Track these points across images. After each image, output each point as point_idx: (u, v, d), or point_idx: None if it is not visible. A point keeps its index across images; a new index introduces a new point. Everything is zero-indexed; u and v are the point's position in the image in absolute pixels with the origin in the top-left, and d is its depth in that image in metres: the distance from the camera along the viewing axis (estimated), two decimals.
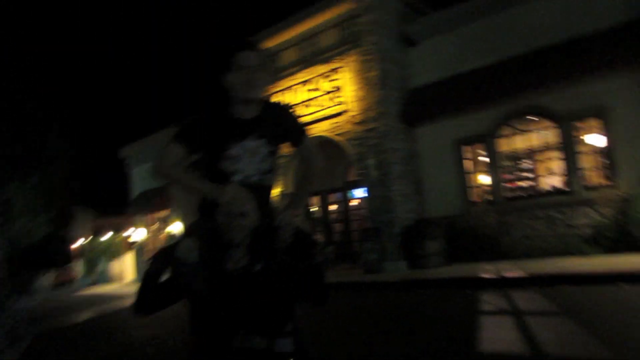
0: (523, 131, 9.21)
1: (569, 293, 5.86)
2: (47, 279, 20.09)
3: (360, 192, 11.79)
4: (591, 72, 7.95)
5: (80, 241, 23.15)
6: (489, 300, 6.06)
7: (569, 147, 8.52)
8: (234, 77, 2.06)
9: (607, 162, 8.22)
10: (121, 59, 51.29)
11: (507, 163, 9.53)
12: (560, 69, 8.16)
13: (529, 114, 9.02)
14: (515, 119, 9.21)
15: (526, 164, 9.45)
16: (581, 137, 8.61)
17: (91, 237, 22.70)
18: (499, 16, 9.45)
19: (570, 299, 5.55)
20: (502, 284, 6.89)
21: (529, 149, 9.23)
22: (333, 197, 13.00)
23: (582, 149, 8.59)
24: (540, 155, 9.26)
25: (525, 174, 9.46)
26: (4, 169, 23.98)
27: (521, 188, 9.46)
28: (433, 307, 6.33)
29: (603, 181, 8.23)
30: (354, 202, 12.53)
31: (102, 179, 27.28)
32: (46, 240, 26.34)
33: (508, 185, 9.54)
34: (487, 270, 7.75)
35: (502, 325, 4.83)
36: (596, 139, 8.44)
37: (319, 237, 12.75)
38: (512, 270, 7.46)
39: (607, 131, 8.17)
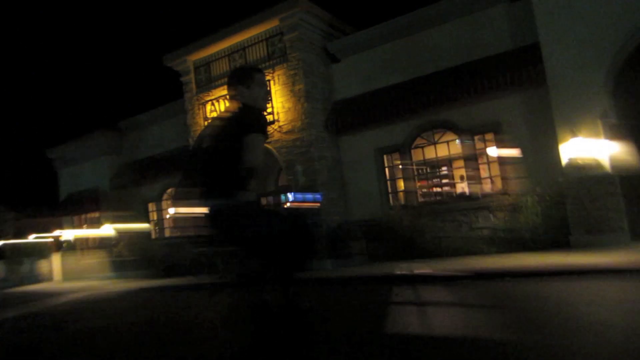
0: (433, 142, 10.31)
1: (466, 286, 6.83)
2: None
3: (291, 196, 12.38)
4: (487, 91, 9.13)
5: (2, 242, 21.95)
6: (400, 294, 6.90)
7: (471, 158, 9.70)
8: (258, 90, 2.87)
9: (502, 171, 9.48)
10: (53, 60, 48.35)
11: (421, 171, 10.63)
12: (461, 87, 9.30)
13: (437, 127, 10.13)
14: (426, 131, 10.30)
15: (437, 172, 10.60)
16: (481, 149, 9.85)
17: (15, 237, 21.62)
18: (411, 38, 10.50)
19: (467, 291, 6.50)
20: (413, 280, 7.81)
21: (439, 159, 10.34)
22: (265, 200, 13.49)
23: (482, 159, 9.83)
24: (448, 164, 10.43)
25: (436, 181, 10.62)
26: None
27: (433, 194, 10.62)
28: (351, 300, 7.06)
29: (499, 188, 9.46)
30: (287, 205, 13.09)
31: (27, 179, 25.84)
32: None
33: (422, 191, 10.67)
34: (401, 268, 8.65)
35: (408, 313, 5.63)
36: (493, 151, 9.69)
37: None
38: (422, 268, 8.41)
39: (501, 144, 9.43)
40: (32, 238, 20.91)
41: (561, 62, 8.23)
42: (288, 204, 9.91)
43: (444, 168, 10.67)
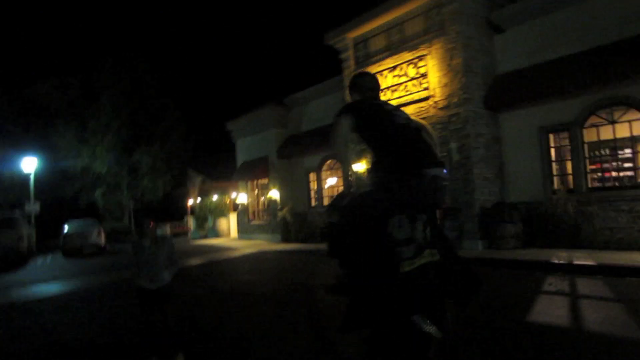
0: (610, 121, 9.11)
1: (635, 285, 6.11)
2: (164, 230, 23.24)
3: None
4: None
5: (192, 200, 26.20)
6: (553, 283, 6.50)
7: None
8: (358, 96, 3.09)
9: None
10: (227, 42, 54.53)
11: (592, 153, 9.52)
12: None
13: (617, 104, 8.89)
14: (603, 108, 9.12)
15: (612, 155, 9.36)
16: None
17: (201, 197, 25.58)
18: (587, 4, 9.26)
19: (634, 290, 5.83)
20: (571, 270, 7.22)
21: (615, 140, 9.12)
22: None
23: None
24: (626, 147, 9.13)
25: (610, 165, 9.39)
26: (132, 137, 27.63)
27: (606, 179, 9.43)
28: (501, 284, 6.87)
29: None
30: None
31: (212, 148, 30.17)
32: (165, 197, 30.09)
33: (594, 175, 9.56)
34: (559, 257, 8.03)
35: (557, 304, 5.33)
36: None
37: None
38: (584, 258, 7.69)
39: None
40: (215, 198, 24.35)
41: None
42: None
43: (624, 151, 9.36)
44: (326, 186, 16.01)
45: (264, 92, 44.87)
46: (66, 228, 18.92)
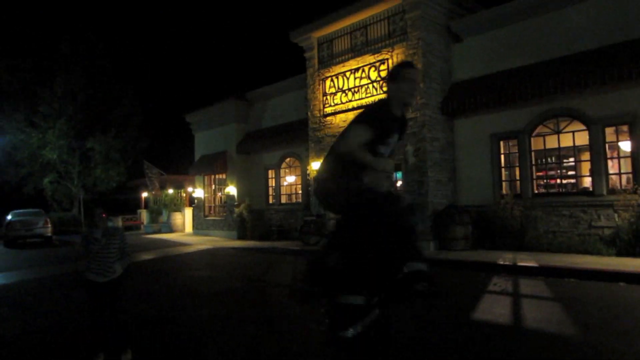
0: (556, 131, 9.64)
1: (572, 285, 6.53)
2: (116, 222, 22.51)
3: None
4: (624, 80, 8.25)
5: (146, 193, 25.50)
6: (498, 283, 6.83)
7: (598, 151, 8.92)
8: (402, 85, 2.85)
9: (632, 168, 8.60)
10: (191, 33, 53.38)
11: (538, 160, 10.05)
12: (594, 74, 8.51)
13: (562, 115, 9.43)
14: (550, 119, 9.65)
15: (556, 163, 9.92)
16: (612, 142, 9.01)
17: (156, 190, 24.95)
18: (541, 19, 9.75)
19: (571, 290, 6.24)
20: (515, 271, 7.62)
21: (559, 149, 9.67)
22: None
23: (610, 153, 9.00)
24: (570, 156, 9.70)
25: (554, 173, 9.96)
26: (87, 124, 26.45)
27: (550, 185, 9.99)
28: (449, 284, 7.15)
29: (626, 186, 8.61)
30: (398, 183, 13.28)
31: (168, 140, 29.35)
32: (119, 188, 29.14)
33: (539, 182, 10.10)
34: (505, 258, 8.44)
35: (501, 303, 5.63)
36: (625, 145, 8.80)
37: None
38: (528, 260, 8.12)
39: (635, 138, 8.52)
40: (170, 192, 23.84)
41: None
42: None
43: (567, 160, 9.95)
44: (285, 184, 16.04)
45: (226, 85, 44.26)
46: (10, 217, 18.04)
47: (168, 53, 52.96)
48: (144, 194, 26.16)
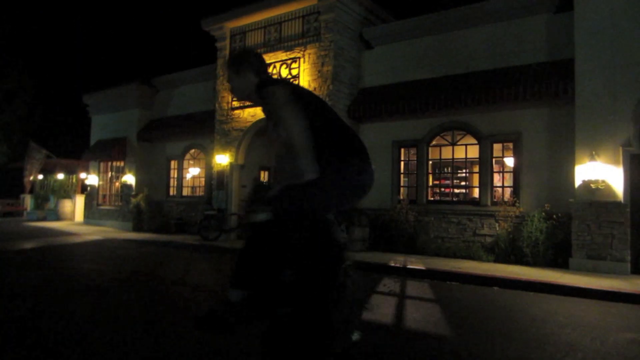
0: (451, 143, 10.28)
1: (454, 288, 6.96)
2: None
3: None
4: (513, 100, 9.01)
5: (32, 177, 23.07)
6: (388, 284, 7.08)
7: (486, 164, 9.66)
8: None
9: (514, 182, 9.43)
10: (103, 13, 49.42)
11: (435, 169, 10.66)
12: (487, 93, 9.20)
13: (458, 129, 10.08)
14: (447, 130, 10.27)
15: (450, 172, 10.60)
16: (498, 157, 9.82)
17: (43, 174, 22.70)
18: (444, 36, 10.37)
19: (452, 292, 6.63)
20: (404, 273, 7.96)
21: (454, 160, 10.33)
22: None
23: (497, 167, 9.79)
24: (462, 167, 10.41)
25: (448, 182, 10.62)
26: None
27: (443, 193, 10.63)
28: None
29: (507, 198, 9.42)
30: None
31: (61, 121, 26.75)
32: (0, 169, 26.06)
33: (433, 189, 10.70)
34: (396, 261, 8.80)
35: (387, 304, 5.81)
36: (509, 161, 9.63)
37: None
38: (417, 263, 8.54)
39: (517, 154, 9.35)
40: (60, 177, 21.87)
41: (593, 82, 8.05)
42: None
43: (459, 170, 10.67)
44: (188, 176, 15.42)
45: (130, 69, 41.59)
46: None
47: (69, 28, 48.67)
48: (29, 178, 23.74)
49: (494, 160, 9.78)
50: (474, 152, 10.02)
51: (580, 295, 6.39)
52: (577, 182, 8.08)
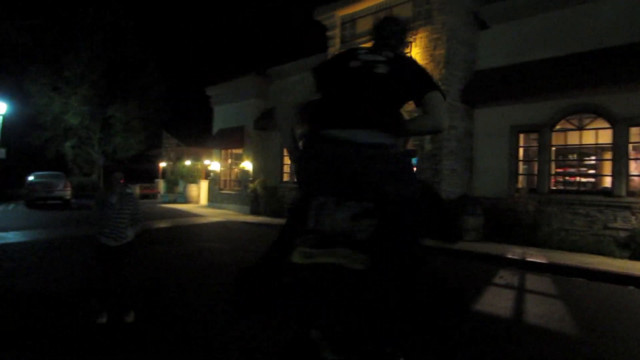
0: (578, 128, 9.40)
1: (579, 285, 6.44)
2: (133, 189, 22.94)
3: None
4: None
5: (164, 163, 25.81)
6: (504, 277, 6.78)
7: (620, 150, 8.69)
8: None
9: None
10: (215, 7, 53.10)
11: (558, 156, 9.85)
12: (623, 70, 8.23)
13: (587, 112, 9.18)
14: (573, 114, 9.40)
15: (576, 159, 9.71)
16: (635, 143, 8.76)
17: (174, 161, 25.24)
18: (572, 10, 9.42)
19: (577, 289, 6.15)
20: (523, 266, 7.54)
21: (581, 146, 9.44)
22: None
23: (633, 153, 8.76)
24: (591, 154, 9.48)
25: (573, 170, 9.75)
26: (109, 91, 26.84)
27: (568, 182, 9.79)
28: (455, 274, 7.13)
29: None
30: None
31: (188, 112, 29.46)
32: (138, 157, 29.60)
33: (557, 178, 9.91)
34: (514, 252, 8.36)
35: (504, 297, 5.59)
36: None
37: None
38: (537, 256, 8.03)
39: None
40: (187, 163, 24.11)
41: None
42: None
43: (588, 157, 9.73)
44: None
45: (247, 61, 44.08)
46: (31, 178, 18.46)
47: (191, 26, 52.89)
48: (162, 164, 26.49)
49: (630, 146, 8.76)
50: (605, 137, 9.07)
51: None
52: None
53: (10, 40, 25.54)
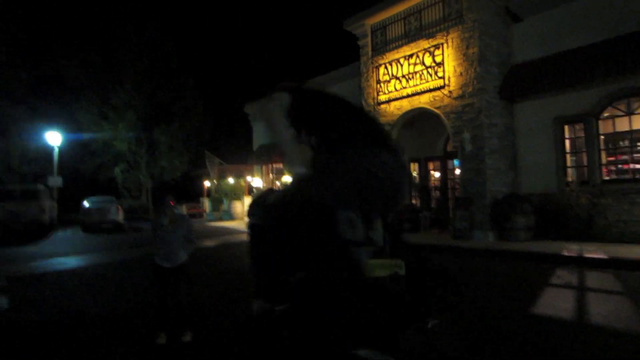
0: (627, 113, 8.99)
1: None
2: (181, 210, 23.62)
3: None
4: None
5: (208, 182, 26.46)
6: (562, 276, 6.53)
7: None
8: None
9: None
10: (249, 26, 54.45)
11: (608, 144, 9.43)
12: None
13: (634, 95, 8.77)
14: (620, 99, 9.01)
15: (628, 147, 9.26)
16: None
17: (217, 179, 25.87)
18: None
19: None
20: (581, 263, 7.23)
21: (632, 132, 9.01)
22: (432, 165, 13.73)
23: None
24: None
25: (626, 158, 9.30)
26: (152, 115, 27.95)
27: (621, 171, 9.35)
28: (508, 275, 6.93)
29: None
30: (456, 171, 13.01)
31: (228, 131, 30.21)
32: (183, 177, 30.55)
33: (609, 167, 9.48)
34: (569, 249, 8.04)
35: (564, 297, 5.38)
36: None
37: (416, 202, 13.54)
38: (595, 251, 7.69)
39: None
40: (230, 182, 24.65)
41: None
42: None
43: (637, 143, 9.25)
44: None
45: (282, 76, 44.87)
46: (86, 203, 19.34)
47: (226, 45, 54.31)
48: (206, 183, 27.17)
49: None
50: None
51: None
52: None
53: (63, 75, 27.12)
